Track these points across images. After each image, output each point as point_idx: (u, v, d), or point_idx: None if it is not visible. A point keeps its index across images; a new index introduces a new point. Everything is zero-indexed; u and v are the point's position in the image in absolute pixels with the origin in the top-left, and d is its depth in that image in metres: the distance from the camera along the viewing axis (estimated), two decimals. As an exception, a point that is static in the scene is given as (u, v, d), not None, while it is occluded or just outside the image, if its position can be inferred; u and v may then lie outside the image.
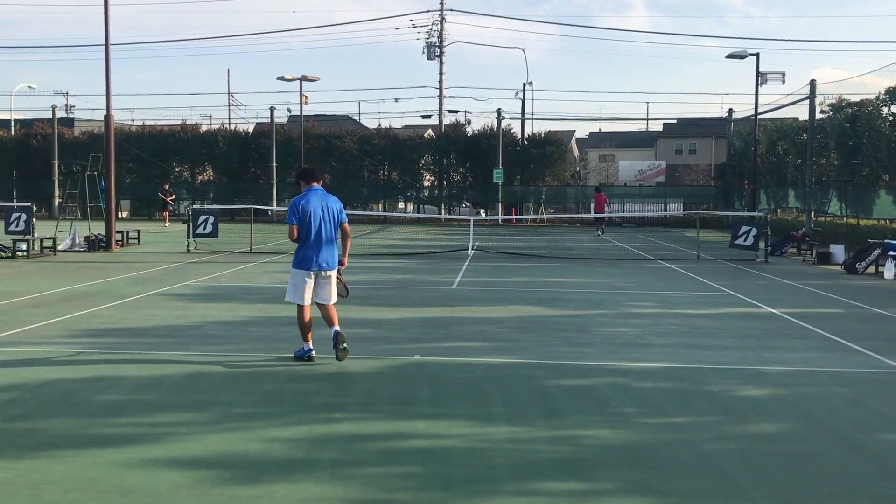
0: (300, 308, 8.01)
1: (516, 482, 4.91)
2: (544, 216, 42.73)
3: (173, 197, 38.05)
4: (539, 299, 12.98)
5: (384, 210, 47.18)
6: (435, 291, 13.95)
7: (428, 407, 6.54)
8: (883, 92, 28.95)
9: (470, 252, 22.16)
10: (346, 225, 8.32)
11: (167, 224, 35.63)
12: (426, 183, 48.10)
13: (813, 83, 29.77)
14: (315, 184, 8.26)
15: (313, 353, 8.11)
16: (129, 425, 5.97)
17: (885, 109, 29.33)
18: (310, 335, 8.09)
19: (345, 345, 7.85)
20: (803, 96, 30.63)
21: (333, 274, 8.15)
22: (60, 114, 53.30)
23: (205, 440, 5.63)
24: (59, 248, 20.95)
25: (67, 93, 70.77)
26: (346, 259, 8.46)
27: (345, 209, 8.41)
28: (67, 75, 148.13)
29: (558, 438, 5.75)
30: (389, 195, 48.13)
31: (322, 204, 8.08)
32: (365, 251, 23.07)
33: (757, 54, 30.43)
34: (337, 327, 8.04)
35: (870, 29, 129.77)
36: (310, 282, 8.01)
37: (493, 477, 4.99)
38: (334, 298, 8.16)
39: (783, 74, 31.19)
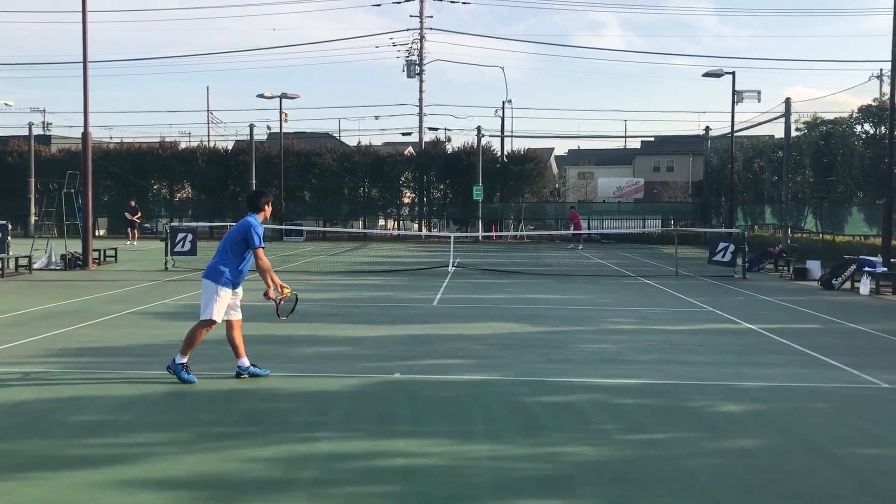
0: None
1: (497, 500, 4.89)
2: (524, 232, 42.90)
3: (139, 215, 36.99)
4: (519, 316, 13.00)
5: (364, 227, 47.20)
6: (415, 308, 13.93)
7: (408, 425, 6.51)
8: (856, 110, 29.45)
9: (450, 269, 22.17)
10: (258, 250, 7.98)
11: (134, 242, 34.54)
12: (406, 200, 48.18)
13: (788, 101, 30.22)
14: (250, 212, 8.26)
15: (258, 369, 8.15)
16: (105, 446, 5.89)
17: (859, 127, 29.82)
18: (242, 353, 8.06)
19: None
20: (779, 114, 31.07)
21: (206, 285, 7.99)
22: (37, 131, 52.91)
23: (182, 460, 5.56)
24: (35, 266, 20.71)
25: (44, 110, 70.42)
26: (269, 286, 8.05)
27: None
28: (44, 92, 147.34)
29: (539, 455, 5.74)
30: (370, 212, 48.15)
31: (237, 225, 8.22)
32: (345, 268, 23.02)
33: (733, 73, 30.85)
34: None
35: (838, 49, 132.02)
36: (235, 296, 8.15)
37: (474, 495, 4.97)
38: (202, 312, 7.95)
39: (759, 92, 31.65)
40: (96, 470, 5.34)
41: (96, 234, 38.03)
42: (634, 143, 76.30)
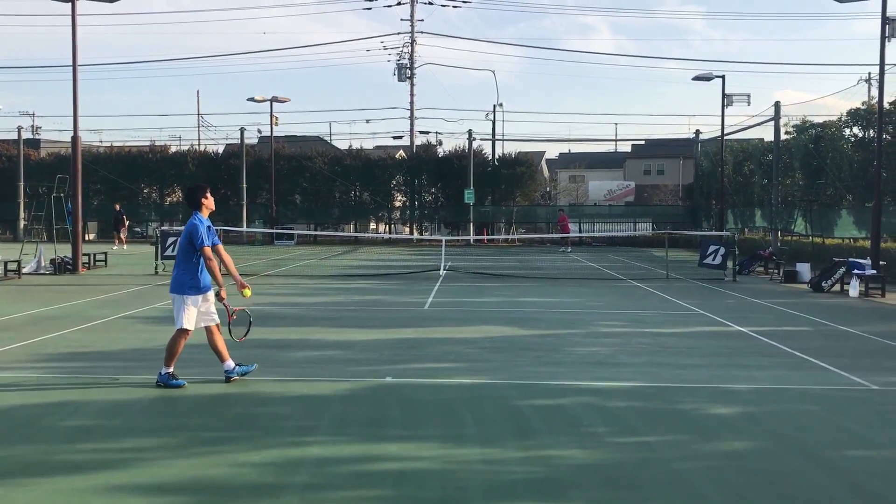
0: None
1: (489, 503, 4.89)
2: (516, 236, 42.96)
3: (126, 225, 36.19)
4: (511, 319, 13.00)
5: (355, 231, 47.14)
6: (407, 312, 13.92)
7: (400, 429, 6.50)
8: (844, 114, 29.60)
9: (442, 272, 22.16)
10: (202, 249, 7.82)
11: (122, 246, 34.09)
12: (398, 203, 48.17)
13: (777, 105, 30.32)
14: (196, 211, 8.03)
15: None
16: (95, 451, 5.86)
17: (847, 131, 29.97)
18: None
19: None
20: (768, 117, 31.17)
21: (174, 298, 7.94)
22: (26, 135, 52.69)
23: (173, 465, 5.54)
24: (24, 271, 20.60)
25: (34, 114, 70.01)
26: (221, 287, 7.96)
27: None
28: (34, 96, 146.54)
29: (531, 459, 5.74)
30: (361, 216, 48.11)
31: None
32: (336, 272, 22.99)
33: (723, 76, 30.98)
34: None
35: (826, 52, 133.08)
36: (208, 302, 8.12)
37: (466, 498, 4.97)
38: (175, 323, 7.91)
39: (748, 96, 31.78)
40: (85, 475, 5.31)
41: (86, 238, 37.85)
42: (625, 147, 76.62)
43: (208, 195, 8.19)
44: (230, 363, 8.06)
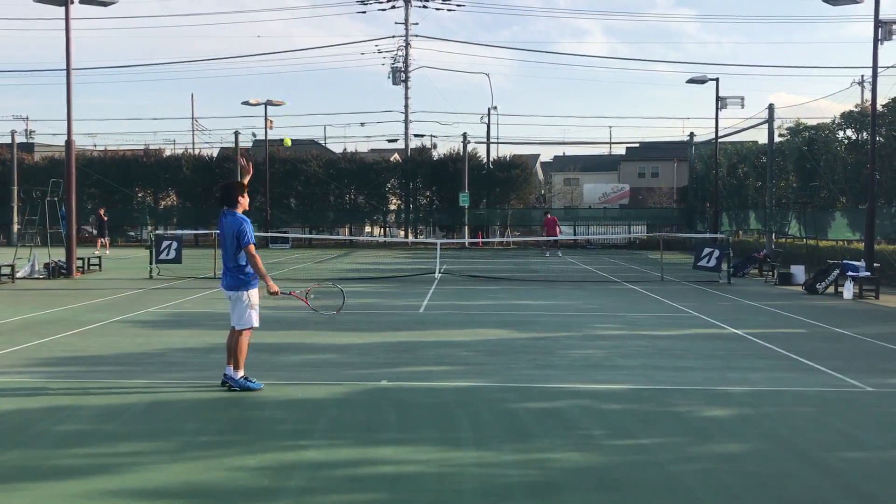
0: None
1: (484, 507, 4.88)
2: (510, 238, 43.00)
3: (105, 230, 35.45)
4: (506, 322, 13.00)
5: (350, 234, 47.15)
6: (402, 315, 13.91)
7: (395, 433, 6.49)
8: (838, 116, 29.67)
9: (437, 275, 22.16)
10: (248, 247, 7.78)
11: (102, 251, 33.77)
12: (392, 207, 48.20)
13: (771, 107, 30.40)
14: (226, 208, 7.92)
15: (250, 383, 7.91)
16: (89, 456, 5.84)
17: (841, 133, 30.05)
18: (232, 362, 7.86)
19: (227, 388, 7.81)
20: (762, 120, 31.26)
21: (234, 296, 7.85)
22: (20, 139, 52.56)
23: (168, 470, 5.52)
24: (18, 275, 20.54)
25: (28, 117, 69.96)
26: (268, 283, 7.81)
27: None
28: (28, 100, 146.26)
29: (526, 462, 5.74)
30: (356, 219, 48.13)
31: (223, 228, 7.91)
32: (331, 275, 22.96)
33: (717, 79, 31.05)
34: (228, 368, 7.86)
35: (819, 55, 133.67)
36: (228, 303, 8.01)
37: (462, 502, 4.96)
38: (234, 322, 7.86)
39: (742, 99, 31.83)
40: (80, 480, 5.29)
41: (80, 242, 37.64)
42: (619, 150, 76.67)
43: (245, 193, 8.06)
44: (230, 368, 7.97)
